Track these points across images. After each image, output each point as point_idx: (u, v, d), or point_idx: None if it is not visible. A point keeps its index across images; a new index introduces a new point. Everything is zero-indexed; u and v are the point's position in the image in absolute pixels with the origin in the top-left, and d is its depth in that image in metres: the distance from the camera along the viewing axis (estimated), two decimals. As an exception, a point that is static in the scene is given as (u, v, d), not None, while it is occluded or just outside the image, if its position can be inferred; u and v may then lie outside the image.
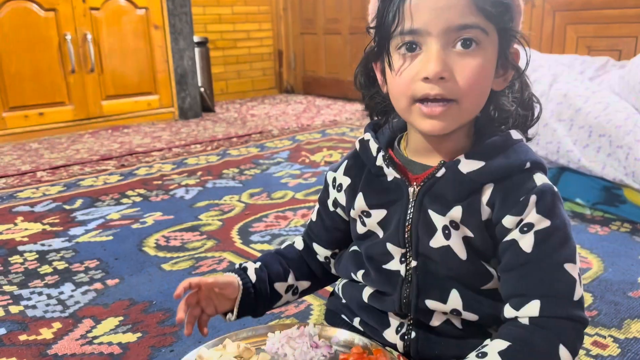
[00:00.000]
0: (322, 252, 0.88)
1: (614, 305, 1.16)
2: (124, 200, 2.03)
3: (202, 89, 3.85)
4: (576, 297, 0.67)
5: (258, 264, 0.86)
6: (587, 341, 1.03)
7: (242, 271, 0.84)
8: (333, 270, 0.89)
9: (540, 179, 0.69)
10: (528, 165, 0.70)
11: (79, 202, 2.02)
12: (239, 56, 4.64)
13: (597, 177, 1.63)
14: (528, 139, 0.74)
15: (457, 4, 0.63)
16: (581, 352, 1.00)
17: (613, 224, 1.60)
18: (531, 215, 0.67)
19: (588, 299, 1.19)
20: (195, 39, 3.76)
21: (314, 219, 0.89)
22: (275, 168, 2.41)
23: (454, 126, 0.68)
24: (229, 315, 0.82)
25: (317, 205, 0.89)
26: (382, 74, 0.74)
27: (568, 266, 0.67)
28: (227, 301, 0.81)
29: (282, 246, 0.92)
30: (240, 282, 0.82)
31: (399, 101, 0.70)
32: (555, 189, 0.70)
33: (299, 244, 0.90)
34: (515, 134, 0.72)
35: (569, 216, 1.66)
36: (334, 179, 0.84)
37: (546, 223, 0.67)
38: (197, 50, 3.76)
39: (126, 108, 3.49)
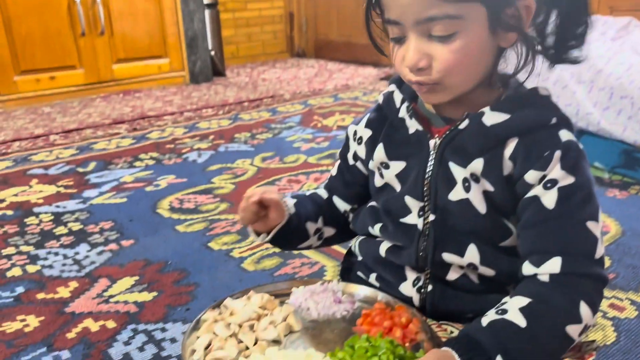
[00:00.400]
0: (342, 206, 0.88)
1: (632, 269, 1.14)
2: (137, 164, 2.03)
3: (212, 53, 3.80)
4: (597, 256, 0.66)
5: (294, 200, 0.85)
6: (604, 303, 1.03)
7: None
8: (351, 226, 0.89)
9: (565, 135, 0.68)
10: (554, 120, 0.68)
11: (92, 165, 2.03)
12: (249, 18, 4.56)
13: (617, 141, 1.60)
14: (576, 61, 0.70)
15: None
16: (597, 314, 0.99)
17: (632, 188, 1.57)
18: (555, 171, 0.66)
19: (606, 262, 1.17)
20: (205, 0, 3.69)
21: (334, 173, 0.89)
22: (287, 132, 2.39)
23: (448, 98, 0.69)
24: (262, 236, 0.82)
25: (338, 160, 0.88)
26: None
27: (590, 224, 0.66)
28: (265, 222, 0.81)
29: (308, 193, 0.91)
30: (287, 212, 0.81)
31: (401, 75, 0.73)
32: (581, 145, 0.68)
33: (323, 194, 0.90)
34: (543, 90, 0.71)
35: (587, 180, 1.64)
36: (355, 132, 0.84)
37: (570, 180, 0.66)
38: (207, 12, 3.70)
39: (137, 72, 3.46)
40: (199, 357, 0.68)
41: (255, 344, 0.71)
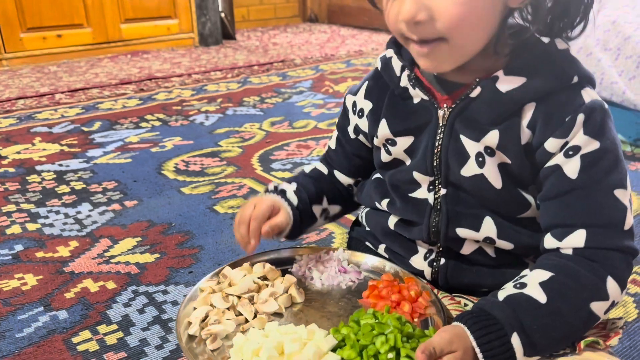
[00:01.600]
0: (345, 181, 0.83)
1: (655, 244, 1.09)
2: (143, 124, 1.98)
3: (222, 15, 3.71)
4: (627, 226, 0.61)
5: (294, 185, 0.80)
6: (625, 279, 0.98)
7: (283, 194, 0.78)
8: (356, 199, 0.84)
9: (589, 94, 0.61)
10: (576, 79, 0.61)
11: (97, 125, 1.98)
12: (261, -19, 4.45)
13: (642, 112, 1.53)
14: (571, 39, 0.63)
15: None
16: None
17: (655, 162, 1.51)
18: (578, 137, 0.60)
19: (627, 237, 1.13)
20: (217, -40, 3.58)
21: (332, 146, 0.83)
22: (298, 97, 2.32)
23: (451, 64, 0.61)
24: (275, 238, 0.78)
25: (336, 132, 0.82)
26: None
27: (618, 192, 0.60)
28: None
29: (307, 170, 0.86)
30: (291, 215, 0.76)
31: (396, 37, 0.65)
32: (606, 105, 0.62)
33: (323, 169, 0.85)
34: (561, 43, 0.63)
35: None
36: (354, 103, 0.77)
37: (595, 145, 0.60)
38: (218, -28, 3.60)
39: (145, 32, 3.39)
40: (195, 331, 0.64)
41: (254, 316, 0.67)
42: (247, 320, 0.67)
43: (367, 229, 0.81)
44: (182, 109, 2.17)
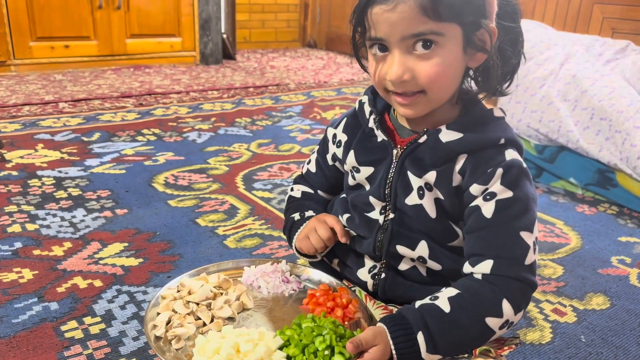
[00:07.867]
0: (326, 197, 0.99)
1: (581, 279, 1.23)
2: (139, 138, 2.12)
3: (224, 36, 3.88)
4: (527, 262, 0.75)
5: (311, 213, 0.94)
6: (547, 308, 1.12)
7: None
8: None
9: (511, 154, 0.76)
10: (502, 141, 0.77)
11: (96, 135, 2.12)
12: (264, 5, 4.63)
13: (593, 159, 1.68)
14: (505, 94, 0.79)
15: (407, 16, 0.68)
16: (539, 316, 1.09)
17: (601, 206, 1.65)
18: (495, 186, 0.75)
19: (559, 271, 1.26)
20: (222, -16, 3.76)
21: (313, 169, 0.98)
22: (287, 121, 2.47)
23: (426, 111, 0.76)
24: (319, 255, 0.92)
25: (316, 156, 0.97)
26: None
27: (524, 234, 0.75)
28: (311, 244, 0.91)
29: (298, 194, 0.99)
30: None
31: (378, 90, 0.79)
32: (524, 165, 0.77)
33: (309, 190, 0.99)
34: (498, 112, 0.79)
35: (561, 194, 1.73)
36: (334, 135, 0.92)
37: (508, 194, 0.74)
38: (223, -4, 3.78)
39: (149, 48, 3.55)
40: (161, 333, 0.76)
41: (212, 320, 0.79)
42: (205, 324, 0.79)
43: None
44: (177, 125, 2.31)
